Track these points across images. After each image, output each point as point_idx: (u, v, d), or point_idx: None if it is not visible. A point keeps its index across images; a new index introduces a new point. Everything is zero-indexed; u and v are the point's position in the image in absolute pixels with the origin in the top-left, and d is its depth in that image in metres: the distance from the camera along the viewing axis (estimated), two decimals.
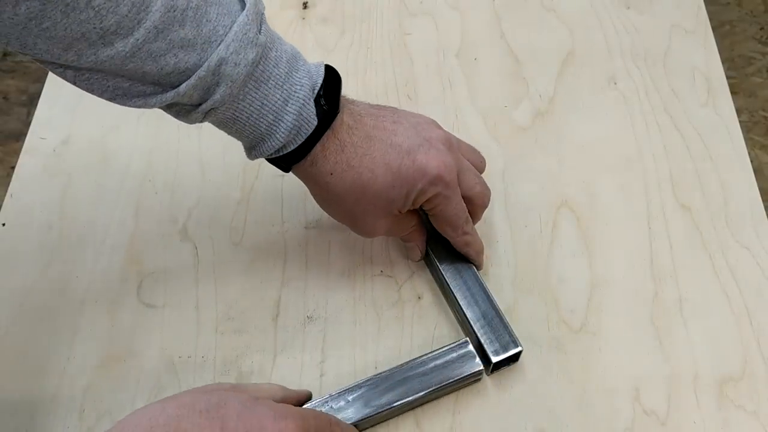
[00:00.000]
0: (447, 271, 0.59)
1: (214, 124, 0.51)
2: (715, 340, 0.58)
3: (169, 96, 0.47)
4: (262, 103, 0.49)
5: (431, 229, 0.59)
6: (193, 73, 0.46)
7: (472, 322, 0.56)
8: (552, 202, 0.65)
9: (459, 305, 0.57)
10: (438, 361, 0.55)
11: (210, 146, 0.69)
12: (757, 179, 0.66)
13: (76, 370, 0.57)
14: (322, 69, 0.52)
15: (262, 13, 0.49)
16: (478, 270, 0.59)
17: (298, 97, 0.50)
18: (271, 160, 0.53)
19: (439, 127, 0.57)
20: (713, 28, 0.76)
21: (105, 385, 0.57)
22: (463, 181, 0.55)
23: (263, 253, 0.63)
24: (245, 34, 0.47)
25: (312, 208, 0.64)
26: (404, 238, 0.60)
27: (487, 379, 0.56)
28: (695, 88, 0.72)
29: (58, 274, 0.62)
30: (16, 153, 0.69)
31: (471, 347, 0.55)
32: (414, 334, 0.58)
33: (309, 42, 0.77)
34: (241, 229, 0.64)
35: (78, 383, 0.57)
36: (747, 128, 1.58)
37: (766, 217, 0.64)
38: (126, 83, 0.47)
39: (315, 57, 0.75)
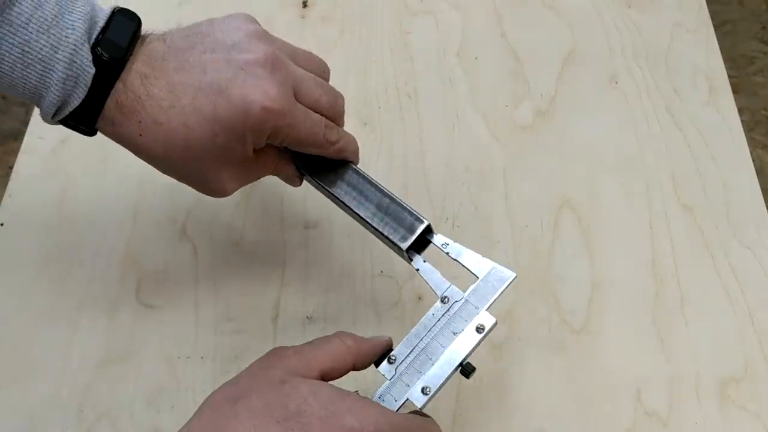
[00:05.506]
0: (327, 182, 0.52)
1: None
2: (716, 340, 0.58)
3: None
4: (23, 50, 0.43)
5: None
6: None
7: (369, 220, 0.50)
8: (553, 202, 0.65)
9: (353, 210, 0.51)
10: None
11: None
12: (758, 179, 0.66)
13: (75, 370, 0.57)
14: (108, 11, 0.45)
15: None
16: (355, 165, 0.53)
17: (68, 42, 0.43)
18: (68, 125, 0.47)
19: (261, 38, 0.47)
20: (715, 27, 0.76)
21: (104, 385, 0.57)
22: (304, 96, 0.48)
23: (263, 253, 0.63)
24: None
25: (312, 207, 0.64)
26: (273, 174, 0.53)
27: (487, 379, 0.56)
28: (697, 88, 0.72)
29: (57, 274, 0.62)
30: (15, 153, 0.69)
31: None
32: None
33: (309, 42, 0.76)
34: (240, 229, 0.64)
35: (77, 383, 0.57)
36: (749, 128, 1.58)
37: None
38: None
39: None
